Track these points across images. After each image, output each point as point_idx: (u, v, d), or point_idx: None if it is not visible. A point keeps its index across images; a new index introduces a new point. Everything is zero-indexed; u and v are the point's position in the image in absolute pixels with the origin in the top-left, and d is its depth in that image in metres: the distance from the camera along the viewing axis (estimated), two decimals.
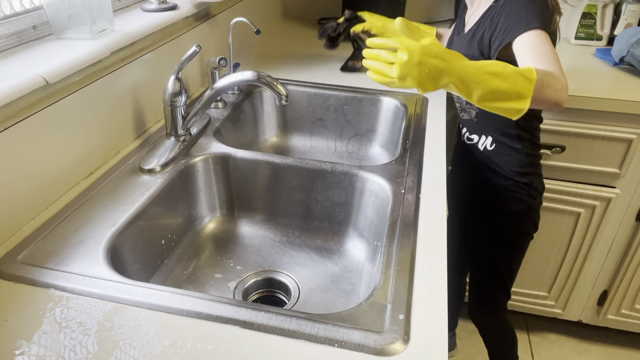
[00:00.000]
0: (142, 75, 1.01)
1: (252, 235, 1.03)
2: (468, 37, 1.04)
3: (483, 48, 0.99)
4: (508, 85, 0.74)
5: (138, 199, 0.82)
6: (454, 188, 1.28)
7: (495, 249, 1.21)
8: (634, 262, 1.52)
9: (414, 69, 0.70)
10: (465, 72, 0.73)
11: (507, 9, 0.93)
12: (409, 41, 0.70)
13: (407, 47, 0.70)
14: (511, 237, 1.19)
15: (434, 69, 0.71)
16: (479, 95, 0.75)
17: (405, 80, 0.71)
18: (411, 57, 0.69)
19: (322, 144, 1.35)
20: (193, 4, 1.16)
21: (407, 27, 0.73)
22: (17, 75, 0.71)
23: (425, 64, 0.70)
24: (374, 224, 0.95)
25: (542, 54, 0.85)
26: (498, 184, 1.13)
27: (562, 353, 1.72)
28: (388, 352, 0.56)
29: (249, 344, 0.57)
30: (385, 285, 0.66)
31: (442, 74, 0.72)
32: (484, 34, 0.98)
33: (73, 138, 0.84)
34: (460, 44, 1.07)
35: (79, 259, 0.69)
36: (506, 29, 0.92)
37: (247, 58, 1.52)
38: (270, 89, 0.90)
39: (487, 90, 0.74)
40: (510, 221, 1.16)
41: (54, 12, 0.86)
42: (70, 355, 0.55)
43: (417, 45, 0.70)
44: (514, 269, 1.22)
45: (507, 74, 0.74)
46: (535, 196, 1.13)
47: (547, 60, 0.84)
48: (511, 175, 1.11)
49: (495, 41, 0.95)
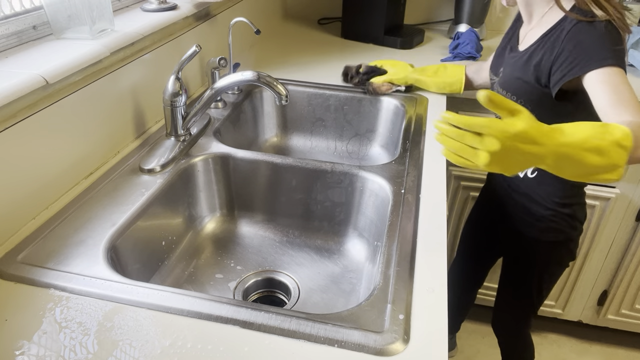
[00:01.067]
0: (142, 75, 1.01)
1: (252, 235, 1.03)
2: (524, 58, 0.95)
3: (540, 75, 0.91)
4: (605, 160, 0.64)
5: (138, 199, 0.82)
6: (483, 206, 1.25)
7: (528, 276, 1.15)
8: (634, 262, 1.52)
9: (504, 158, 0.59)
10: (562, 154, 0.62)
11: (575, 37, 0.84)
12: (500, 124, 0.58)
13: (498, 134, 0.58)
14: (546, 267, 1.12)
15: (528, 156, 0.60)
16: (572, 173, 0.65)
17: (492, 167, 0.60)
18: (503, 147, 0.58)
19: (322, 144, 1.35)
20: (193, 4, 1.16)
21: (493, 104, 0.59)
22: (17, 75, 0.71)
23: (519, 152, 0.60)
24: (374, 224, 0.95)
25: (623, 98, 0.77)
26: (537, 213, 1.05)
27: (562, 353, 1.72)
28: (388, 352, 0.56)
29: (249, 344, 0.57)
30: (385, 285, 0.66)
31: (536, 159, 0.62)
32: (543, 59, 0.90)
33: (73, 138, 0.84)
34: (514, 64, 0.98)
35: (79, 259, 0.69)
36: (574, 61, 0.83)
37: (247, 58, 1.52)
38: (270, 89, 0.90)
39: (582, 170, 0.64)
40: (547, 252, 1.09)
41: (54, 12, 0.86)
42: (70, 355, 0.55)
43: (511, 132, 0.58)
44: (544, 295, 1.17)
45: (606, 147, 0.63)
46: (576, 227, 1.06)
47: (629, 106, 0.76)
48: (552, 205, 1.03)
49: (557, 71, 0.86)
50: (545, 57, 0.89)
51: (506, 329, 1.31)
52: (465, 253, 1.37)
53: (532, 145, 0.60)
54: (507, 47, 1.06)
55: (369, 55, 1.58)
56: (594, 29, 0.83)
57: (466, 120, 0.59)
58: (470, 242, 1.34)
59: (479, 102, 0.58)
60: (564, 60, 0.85)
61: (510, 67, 0.99)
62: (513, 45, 1.03)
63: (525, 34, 0.99)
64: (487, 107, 0.59)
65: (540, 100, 0.93)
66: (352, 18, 1.70)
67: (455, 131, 0.60)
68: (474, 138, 0.59)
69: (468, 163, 0.61)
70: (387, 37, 1.65)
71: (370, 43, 1.70)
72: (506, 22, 1.83)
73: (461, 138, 0.60)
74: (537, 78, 0.92)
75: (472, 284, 1.43)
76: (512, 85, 0.97)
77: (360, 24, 1.69)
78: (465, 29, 1.65)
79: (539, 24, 0.94)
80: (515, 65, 0.97)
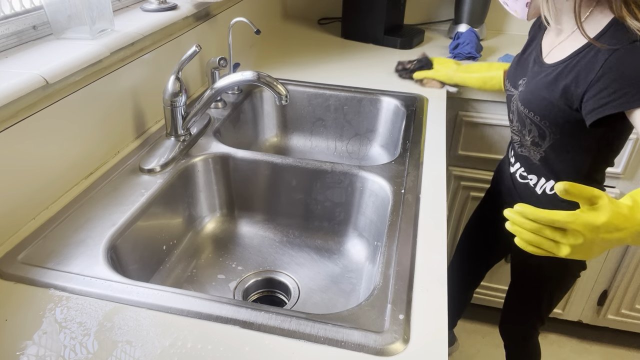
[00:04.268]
0: (142, 75, 1.01)
1: (252, 235, 1.03)
2: (551, 77, 0.86)
3: (571, 98, 0.83)
4: None
5: (138, 199, 0.82)
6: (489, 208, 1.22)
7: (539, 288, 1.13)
8: (634, 262, 1.52)
9: (587, 249, 0.59)
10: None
11: (617, 66, 0.75)
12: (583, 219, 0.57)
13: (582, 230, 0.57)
14: (558, 278, 1.10)
15: (612, 243, 0.60)
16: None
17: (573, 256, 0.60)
18: (587, 241, 0.58)
19: (322, 144, 1.35)
20: (193, 4, 1.16)
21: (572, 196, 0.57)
22: (17, 75, 0.71)
23: (603, 240, 0.59)
24: (374, 224, 0.95)
25: None
26: None
27: (562, 353, 1.72)
28: (388, 352, 0.56)
29: (249, 344, 0.57)
30: (385, 285, 0.66)
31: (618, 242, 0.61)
32: (575, 83, 0.81)
33: (73, 138, 0.84)
34: (540, 81, 0.89)
35: (79, 259, 0.69)
36: (616, 92, 0.75)
37: (247, 58, 1.52)
38: (270, 89, 0.90)
39: None
40: (562, 267, 1.07)
41: (54, 12, 0.86)
42: (70, 355, 0.55)
43: (594, 226, 0.57)
44: (554, 304, 1.16)
45: None
46: None
47: None
48: None
49: (593, 99, 0.78)
50: (580, 80, 0.81)
51: (514, 337, 1.30)
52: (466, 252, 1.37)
53: (615, 232, 0.59)
54: (529, 57, 0.97)
55: (369, 55, 1.58)
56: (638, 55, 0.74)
57: (547, 216, 0.57)
58: (472, 243, 1.33)
59: (558, 194, 0.57)
60: (603, 89, 0.77)
61: (534, 84, 0.91)
62: (537, 56, 0.94)
63: (552, 46, 0.91)
64: (565, 198, 0.57)
65: (566, 123, 0.87)
66: (352, 18, 1.70)
67: (534, 225, 0.59)
68: (555, 233, 0.58)
69: (547, 254, 0.60)
70: (387, 37, 1.65)
71: (370, 43, 1.70)
72: (507, 22, 1.83)
73: (540, 232, 0.59)
74: (567, 101, 0.84)
75: (470, 283, 1.43)
76: (537, 105, 0.89)
77: (360, 24, 1.69)
78: (465, 29, 1.65)
79: (570, 40, 0.85)
80: (541, 83, 0.89)
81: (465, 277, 1.41)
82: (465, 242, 1.36)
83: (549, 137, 0.90)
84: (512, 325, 1.29)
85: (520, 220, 0.59)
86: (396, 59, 1.41)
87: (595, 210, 0.58)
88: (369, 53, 1.60)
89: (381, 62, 1.51)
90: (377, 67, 1.47)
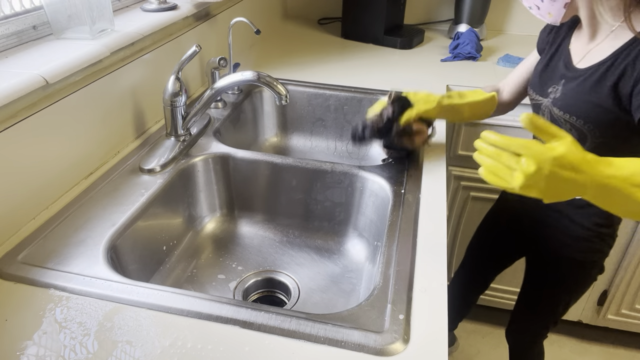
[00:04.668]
0: (142, 75, 1.01)
1: (252, 235, 1.03)
2: (594, 78, 0.84)
3: (619, 99, 0.81)
4: None
5: (138, 199, 0.82)
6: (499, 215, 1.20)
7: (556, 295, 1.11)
8: (634, 262, 1.52)
9: (541, 182, 0.58)
10: (606, 186, 0.59)
11: None
12: (538, 147, 0.57)
13: (535, 156, 0.57)
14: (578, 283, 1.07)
15: (567, 183, 0.59)
16: (621, 209, 0.63)
17: (528, 190, 0.59)
18: (540, 169, 0.57)
19: (322, 144, 1.35)
20: (193, 4, 1.16)
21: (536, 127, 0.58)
22: (17, 75, 0.71)
23: (557, 177, 0.58)
24: (374, 224, 0.95)
25: None
26: (574, 233, 0.99)
27: (562, 353, 1.72)
28: (388, 352, 0.56)
29: (249, 344, 0.57)
30: (385, 285, 0.66)
31: (576, 187, 0.60)
32: (621, 80, 0.80)
33: (73, 138, 0.84)
34: (580, 84, 0.86)
35: (79, 259, 0.69)
36: None
37: (247, 58, 1.52)
38: (270, 89, 0.90)
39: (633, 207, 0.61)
40: (581, 271, 1.04)
41: (54, 12, 0.86)
42: (70, 355, 0.55)
43: (549, 155, 0.57)
44: (569, 307, 1.14)
45: None
46: (612, 245, 1.01)
47: None
48: (591, 225, 0.97)
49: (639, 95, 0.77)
50: (626, 77, 0.80)
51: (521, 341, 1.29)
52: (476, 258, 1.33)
53: (571, 171, 0.58)
54: (557, 64, 0.95)
55: (369, 55, 1.58)
56: None
57: (505, 140, 0.58)
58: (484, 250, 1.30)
59: (522, 124, 0.57)
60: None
61: (574, 88, 0.88)
62: (567, 63, 0.91)
63: (585, 50, 0.89)
64: (528, 130, 0.58)
65: (611, 124, 0.85)
66: (352, 18, 1.70)
67: (494, 150, 0.59)
68: (511, 158, 0.58)
69: (504, 183, 0.60)
70: (387, 37, 1.65)
71: (370, 43, 1.70)
72: (507, 22, 1.83)
73: (498, 157, 0.59)
74: (615, 100, 0.82)
75: (477, 288, 1.42)
76: (579, 107, 0.87)
77: (360, 24, 1.69)
78: (465, 29, 1.65)
79: (607, 40, 0.85)
80: (582, 87, 0.86)
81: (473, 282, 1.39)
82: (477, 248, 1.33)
83: (590, 140, 0.87)
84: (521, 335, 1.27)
85: (482, 147, 0.60)
86: (396, 59, 1.41)
87: (554, 143, 0.59)
88: (369, 53, 1.60)
89: (381, 62, 1.51)
90: (377, 67, 1.47)
